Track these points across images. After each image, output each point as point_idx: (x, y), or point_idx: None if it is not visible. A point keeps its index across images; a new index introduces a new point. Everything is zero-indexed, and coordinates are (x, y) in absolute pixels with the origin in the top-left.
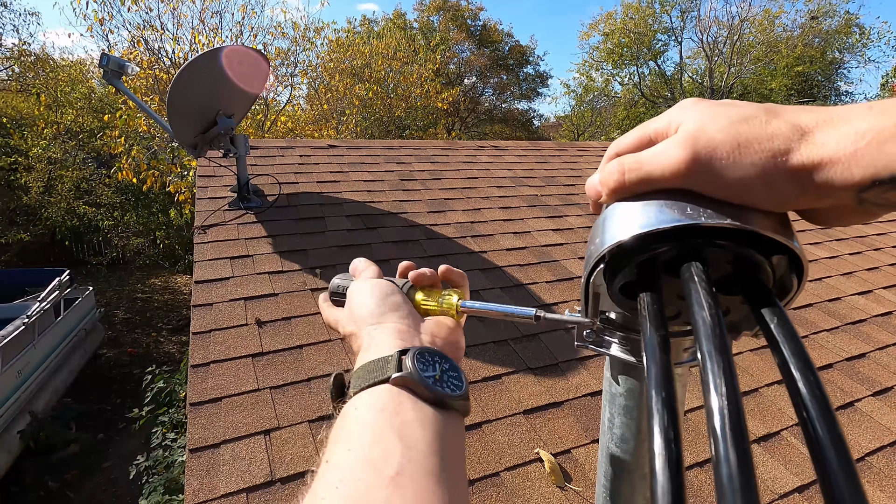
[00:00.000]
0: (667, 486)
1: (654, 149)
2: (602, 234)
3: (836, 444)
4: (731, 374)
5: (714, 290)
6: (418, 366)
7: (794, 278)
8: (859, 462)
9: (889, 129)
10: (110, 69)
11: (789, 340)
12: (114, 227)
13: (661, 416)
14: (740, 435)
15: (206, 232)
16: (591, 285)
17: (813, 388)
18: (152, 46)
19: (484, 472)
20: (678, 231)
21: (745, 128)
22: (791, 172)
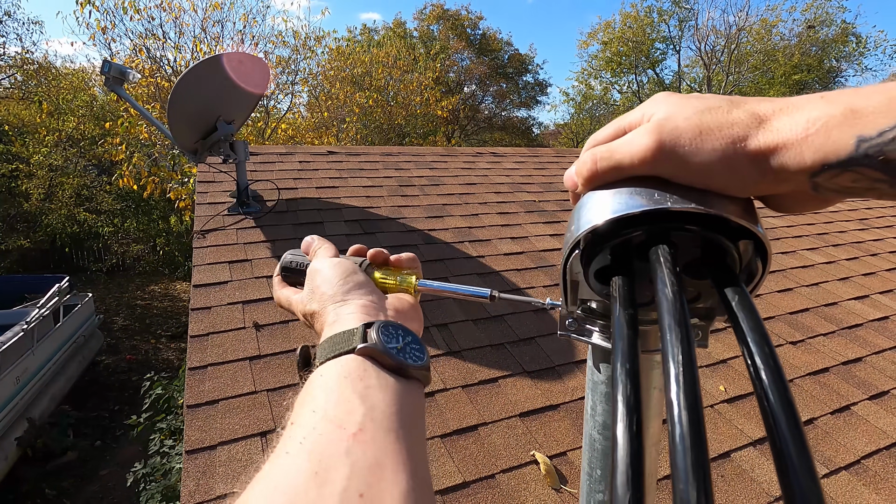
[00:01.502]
0: (626, 447)
1: (623, 138)
2: (577, 221)
3: (787, 412)
4: (689, 344)
5: (679, 270)
6: (382, 338)
7: (759, 263)
8: (855, 465)
9: (836, 116)
10: (112, 76)
11: (748, 316)
12: (114, 234)
13: (623, 386)
14: (693, 399)
15: (206, 236)
16: (569, 272)
17: (767, 358)
18: (154, 55)
19: (480, 475)
20: (648, 216)
21: (708, 116)
22: (749, 157)
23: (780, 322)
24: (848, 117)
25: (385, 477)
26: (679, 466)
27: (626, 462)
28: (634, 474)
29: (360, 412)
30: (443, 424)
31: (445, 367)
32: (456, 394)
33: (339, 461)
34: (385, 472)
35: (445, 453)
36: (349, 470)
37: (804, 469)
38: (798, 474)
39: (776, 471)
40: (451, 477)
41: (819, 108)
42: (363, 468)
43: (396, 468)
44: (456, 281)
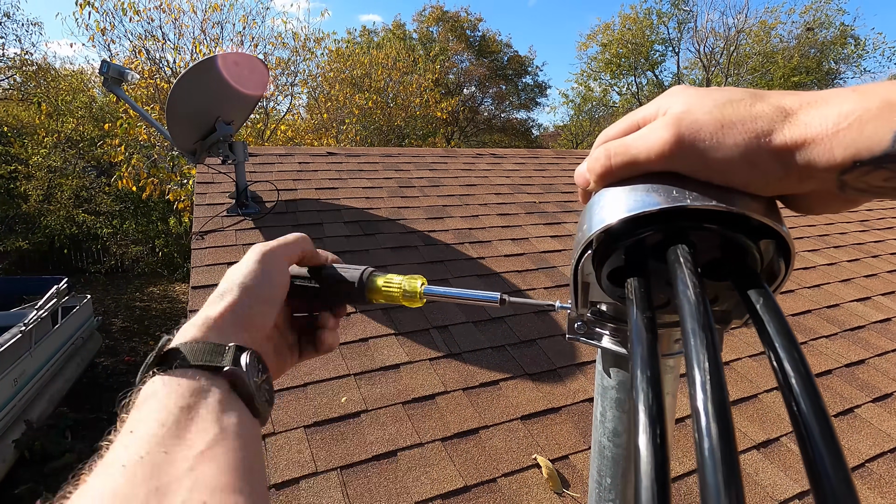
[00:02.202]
0: (650, 460)
1: (639, 132)
2: (589, 220)
3: (820, 420)
4: (715, 350)
5: (700, 271)
6: (249, 368)
7: (782, 263)
8: (860, 468)
9: (871, 110)
10: (110, 76)
11: (774, 319)
12: (113, 236)
13: (645, 395)
14: (723, 409)
15: (204, 238)
16: (580, 273)
17: (797, 364)
18: (153, 56)
19: (481, 479)
20: (665, 214)
21: (730, 110)
22: (774, 152)
23: None
24: (884, 111)
25: (227, 497)
26: (710, 483)
27: (651, 477)
28: (661, 489)
29: (212, 431)
30: (443, 427)
31: (446, 370)
32: (457, 396)
33: (183, 476)
34: (227, 493)
35: (446, 457)
36: (192, 483)
37: (840, 480)
38: (833, 486)
39: (809, 480)
40: (452, 481)
41: (852, 102)
42: (207, 486)
43: (238, 489)
44: (456, 283)
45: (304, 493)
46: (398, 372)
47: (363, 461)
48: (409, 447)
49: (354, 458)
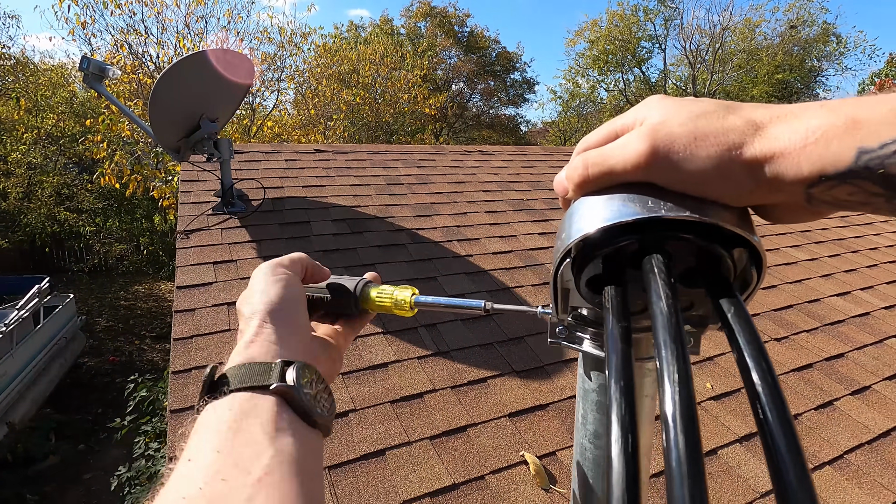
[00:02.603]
0: (621, 472)
1: (616, 142)
2: (568, 229)
3: (786, 430)
4: (685, 362)
5: (673, 281)
6: (299, 380)
7: (754, 271)
8: (838, 460)
9: (837, 126)
10: (91, 72)
11: (744, 329)
12: (96, 234)
13: (618, 405)
14: (690, 420)
15: (189, 237)
16: (560, 280)
17: (765, 374)
18: (136, 51)
19: (469, 476)
20: (642, 224)
21: (703, 122)
22: (744, 165)
23: (764, 319)
24: (850, 127)
25: None
26: (676, 495)
27: (622, 487)
28: (632, 499)
29: (267, 455)
30: (431, 426)
31: (434, 368)
32: (445, 395)
33: None
34: None
35: (434, 455)
36: None
37: (803, 491)
38: (797, 496)
39: (773, 487)
40: (440, 479)
41: (819, 117)
42: None
43: None
44: (444, 281)
45: None
46: (386, 371)
47: (351, 461)
48: (398, 446)
49: (342, 457)
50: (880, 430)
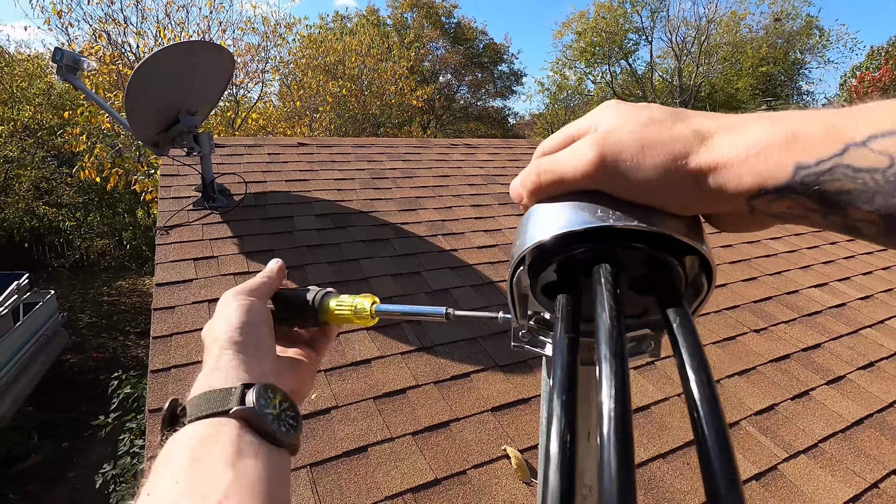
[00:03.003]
0: (556, 489)
1: (566, 150)
2: (522, 236)
3: (721, 443)
4: (624, 378)
5: (620, 292)
6: (260, 401)
7: (704, 279)
8: (813, 448)
9: (778, 141)
10: (65, 64)
11: (688, 340)
12: (76, 229)
13: (559, 421)
14: (625, 437)
15: (169, 233)
16: (517, 286)
17: (705, 388)
18: (115, 40)
19: (451, 471)
20: (594, 232)
21: (652, 130)
22: (689, 175)
23: (744, 310)
24: (789, 142)
25: None
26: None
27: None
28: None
29: (226, 479)
30: (414, 422)
31: (417, 364)
32: (428, 390)
33: None
34: None
35: (417, 451)
36: None
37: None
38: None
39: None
40: (422, 475)
41: (762, 130)
42: None
43: None
44: (428, 275)
45: None
46: (369, 367)
47: (333, 458)
48: (380, 442)
49: (324, 454)
50: (853, 419)
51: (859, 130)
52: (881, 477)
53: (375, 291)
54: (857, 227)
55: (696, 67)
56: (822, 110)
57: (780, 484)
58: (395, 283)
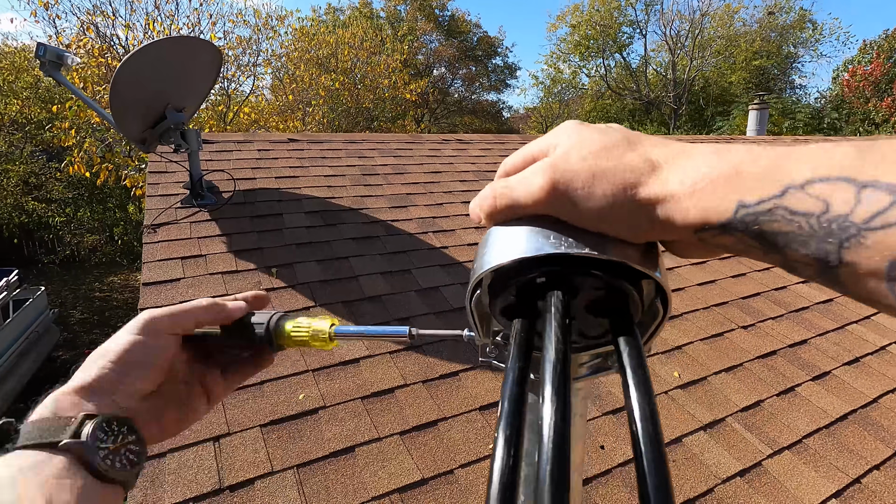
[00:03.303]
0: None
1: (520, 175)
2: (479, 259)
3: (660, 474)
4: (564, 410)
5: (568, 322)
6: (98, 434)
7: (660, 304)
8: (797, 444)
9: (723, 176)
10: (48, 60)
11: (635, 371)
12: (66, 224)
13: (502, 457)
14: (562, 474)
15: (157, 231)
16: (476, 307)
17: (647, 418)
18: (104, 33)
19: (438, 471)
20: (550, 257)
21: (603, 158)
22: (639, 205)
23: (732, 307)
24: (733, 179)
25: None
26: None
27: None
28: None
29: None
30: (402, 421)
31: (406, 363)
32: (416, 389)
33: None
34: None
35: (404, 450)
36: None
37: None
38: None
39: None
40: (409, 475)
41: (708, 165)
42: None
43: None
44: (418, 273)
45: (259, 493)
46: (358, 366)
47: (320, 458)
48: (367, 442)
49: (311, 455)
50: (838, 415)
51: (800, 173)
52: (863, 472)
53: (365, 290)
54: (795, 267)
55: (689, 61)
56: (767, 148)
57: (763, 480)
58: (384, 281)
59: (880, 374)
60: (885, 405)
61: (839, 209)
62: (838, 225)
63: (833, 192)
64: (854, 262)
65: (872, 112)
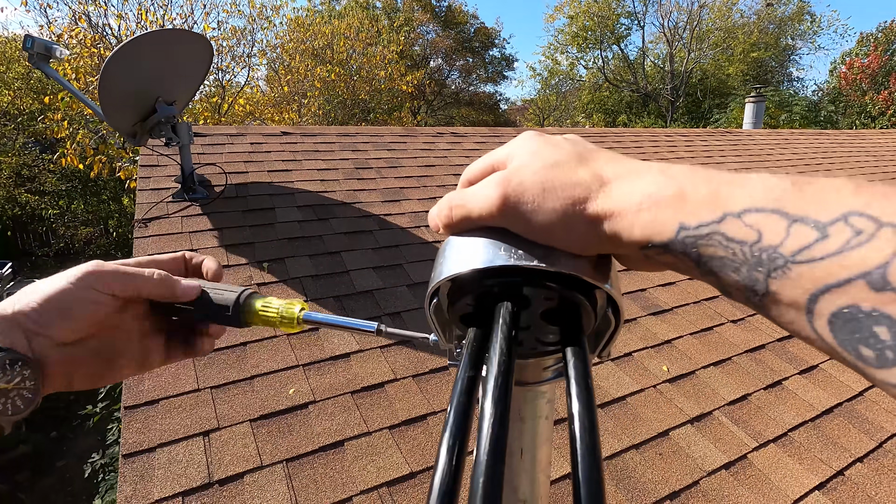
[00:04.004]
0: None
1: (475, 187)
2: (437, 268)
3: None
4: (501, 421)
5: (515, 334)
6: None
7: (612, 314)
8: (782, 437)
9: (668, 198)
10: (36, 52)
11: (579, 381)
12: (60, 217)
13: (443, 466)
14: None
15: (148, 225)
16: (435, 314)
17: (585, 432)
18: (96, 23)
19: (427, 464)
20: (503, 269)
21: (554, 173)
22: (587, 220)
23: (723, 301)
24: (676, 201)
25: None
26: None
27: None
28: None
29: None
30: (392, 416)
31: (396, 358)
32: (406, 384)
33: None
34: None
35: (393, 444)
36: None
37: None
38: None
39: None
40: (397, 468)
41: (655, 185)
42: None
43: None
44: (410, 268)
45: (248, 487)
46: (348, 361)
47: (309, 453)
48: (357, 436)
49: (301, 449)
50: (823, 408)
51: (738, 201)
52: (847, 464)
53: (356, 284)
54: (729, 291)
55: (687, 53)
56: (712, 172)
57: (748, 472)
58: (376, 276)
59: None
60: (870, 398)
61: (770, 240)
62: (768, 255)
63: (766, 223)
64: (778, 292)
65: (869, 105)
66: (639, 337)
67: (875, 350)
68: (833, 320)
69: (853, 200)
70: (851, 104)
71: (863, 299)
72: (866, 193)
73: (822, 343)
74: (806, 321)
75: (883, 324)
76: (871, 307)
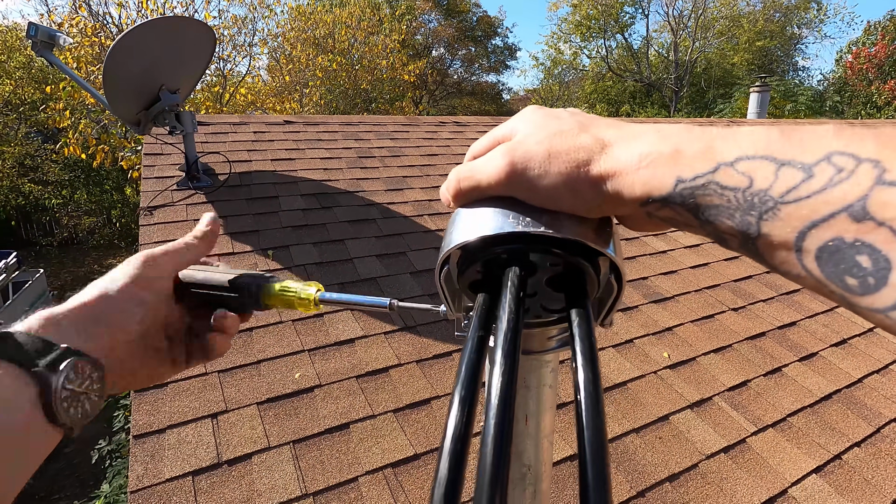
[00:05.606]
0: (444, 479)
1: (482, 158)
2: (447, 237)
3: (598, 447)
4: (511, 376)
5: (523, 295)
6: (69, 374)
7: (615, 281)
8: (781, 422)
9: (665, 154)
10: (40, 40)
11: (583, 342)
12: (63, 206)
13: (457, 415)
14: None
15: (153, 213)
16: (446, 283)
17: (590, 388)
18: (96, 11)
19: (430, 446)
20: (511, 236)
21: (558, 140)
22: (591, 181)
23: (724, 289)
24: (673, 157)
25: None
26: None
27: (442, 489)
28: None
29: None
30: (395, 399)
31: (400, 343)
32: (410, 368)
33: None
34: None
35: (398, 427)
36: None
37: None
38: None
39: (579, 494)
40: (402, 450)
41: (652, 144)
42: None
43: None
44: (413, 256)
45: (255, 467)
46: (353, 346)
47: (316, 434)
48: (362, 419)
49: (307, 431)
50: (822, 394)
51: (731, 151)
52: (844, 449)
53: (360, 272)
54: (724, 238)
55: (692, 42)
56: (705, 129)
57: (747, 456)
58: (379, 264)
59: (866, 354)
60: (868, 385)
61: (761, 184)
62: (759, 198)
63: (757, 168)
64: (770, 233)
65: (875, 95)
66: (640, 324)
67: (858, 278)
68: (819, 255)
69: (835, 142)
70: (857, 94)
71: (845, 231)
72: (846, 134)
73: (811, 280)
74: (796, 259)
75: (864, 252)
76: (854, 237)
